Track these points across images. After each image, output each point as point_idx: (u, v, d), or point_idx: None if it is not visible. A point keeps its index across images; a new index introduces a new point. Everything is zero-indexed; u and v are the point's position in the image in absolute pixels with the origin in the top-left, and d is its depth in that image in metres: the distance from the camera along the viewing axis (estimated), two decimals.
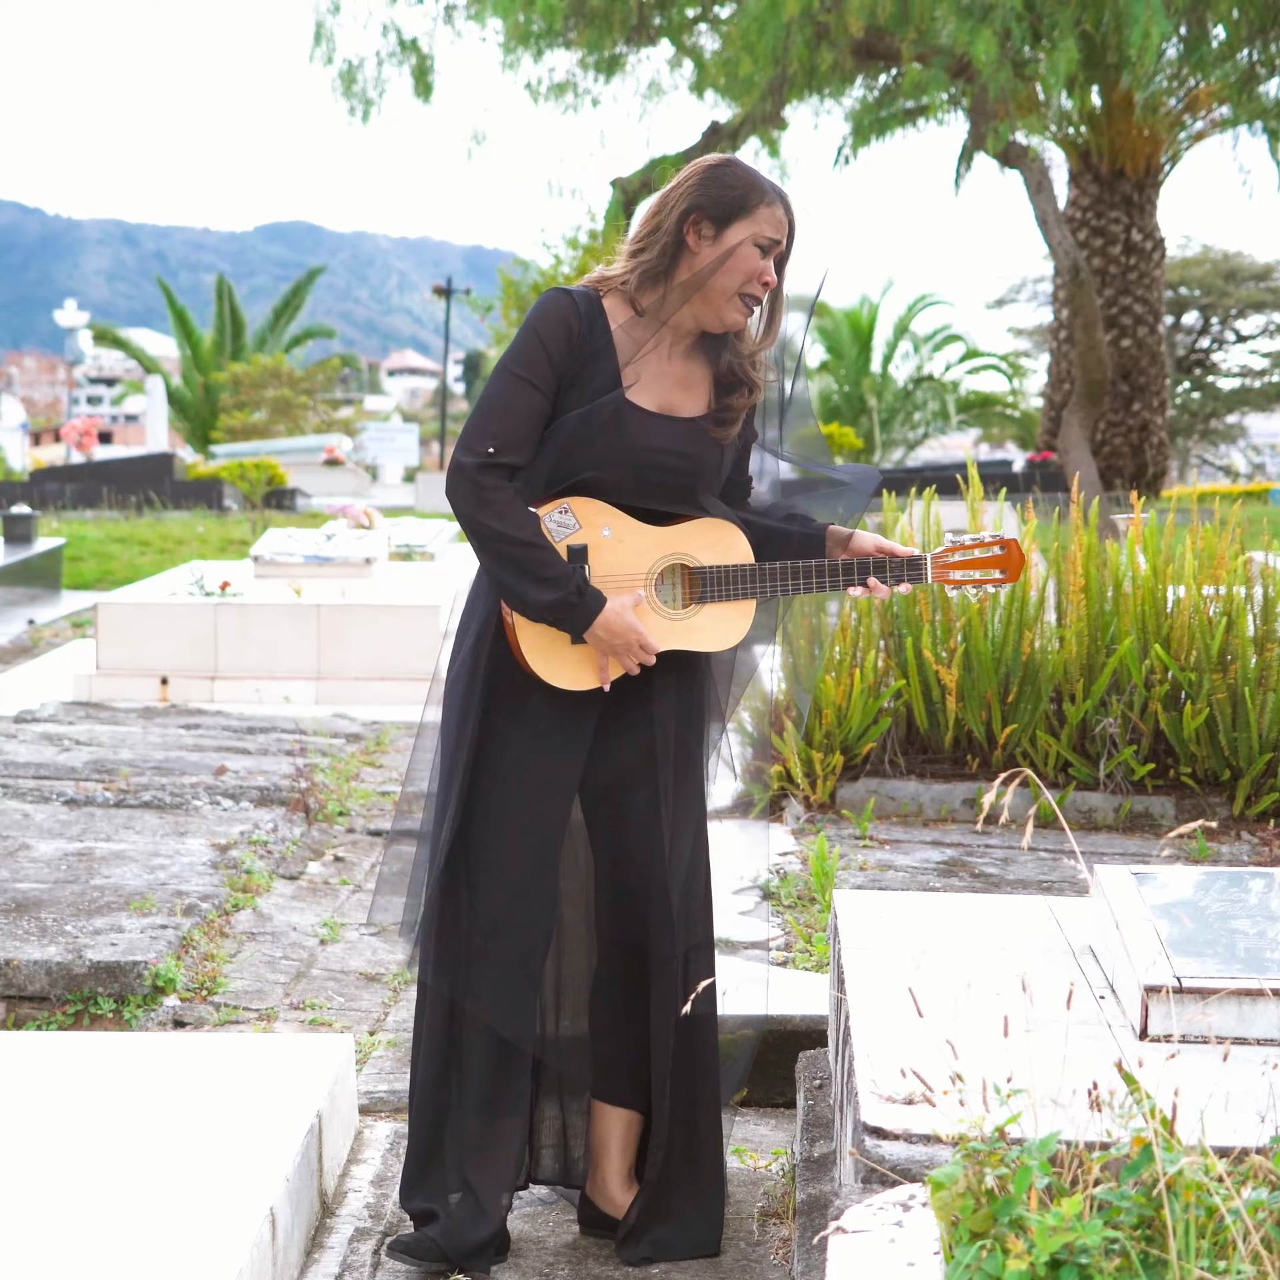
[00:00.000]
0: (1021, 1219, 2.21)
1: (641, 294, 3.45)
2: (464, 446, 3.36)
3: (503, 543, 3.32)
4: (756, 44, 22.95)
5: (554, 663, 3.44)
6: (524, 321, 3.45)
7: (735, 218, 3.38)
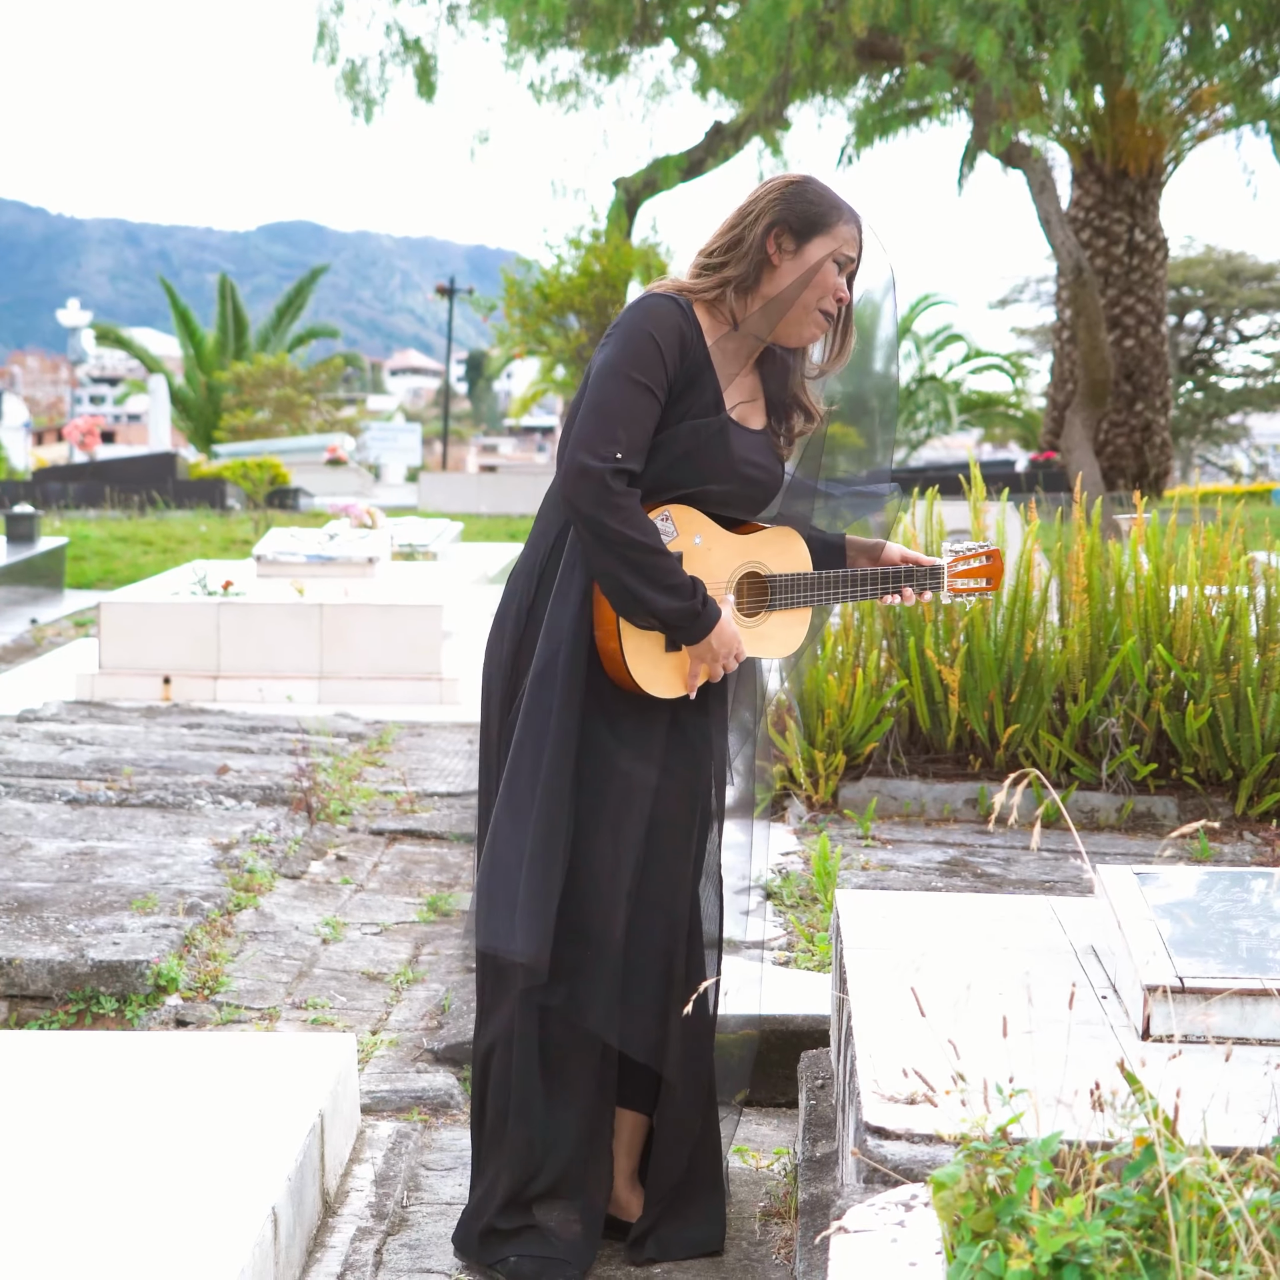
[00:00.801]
0: (1023, 1219, 2.21)
1: (729, 307, 3.49)
2: (588, 450, 3.32)
3: (630, 548, 3.31)
4: (760, 44, 22.97)
5: (651, 670, 3.46)
6: (632, 325, 3.41)
7: (816, 233, 3.46)
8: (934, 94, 23.58)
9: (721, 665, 3.48)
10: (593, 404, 3.36)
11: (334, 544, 12.65)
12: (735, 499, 3.54)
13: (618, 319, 3.48)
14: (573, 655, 3.42)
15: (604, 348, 3.44)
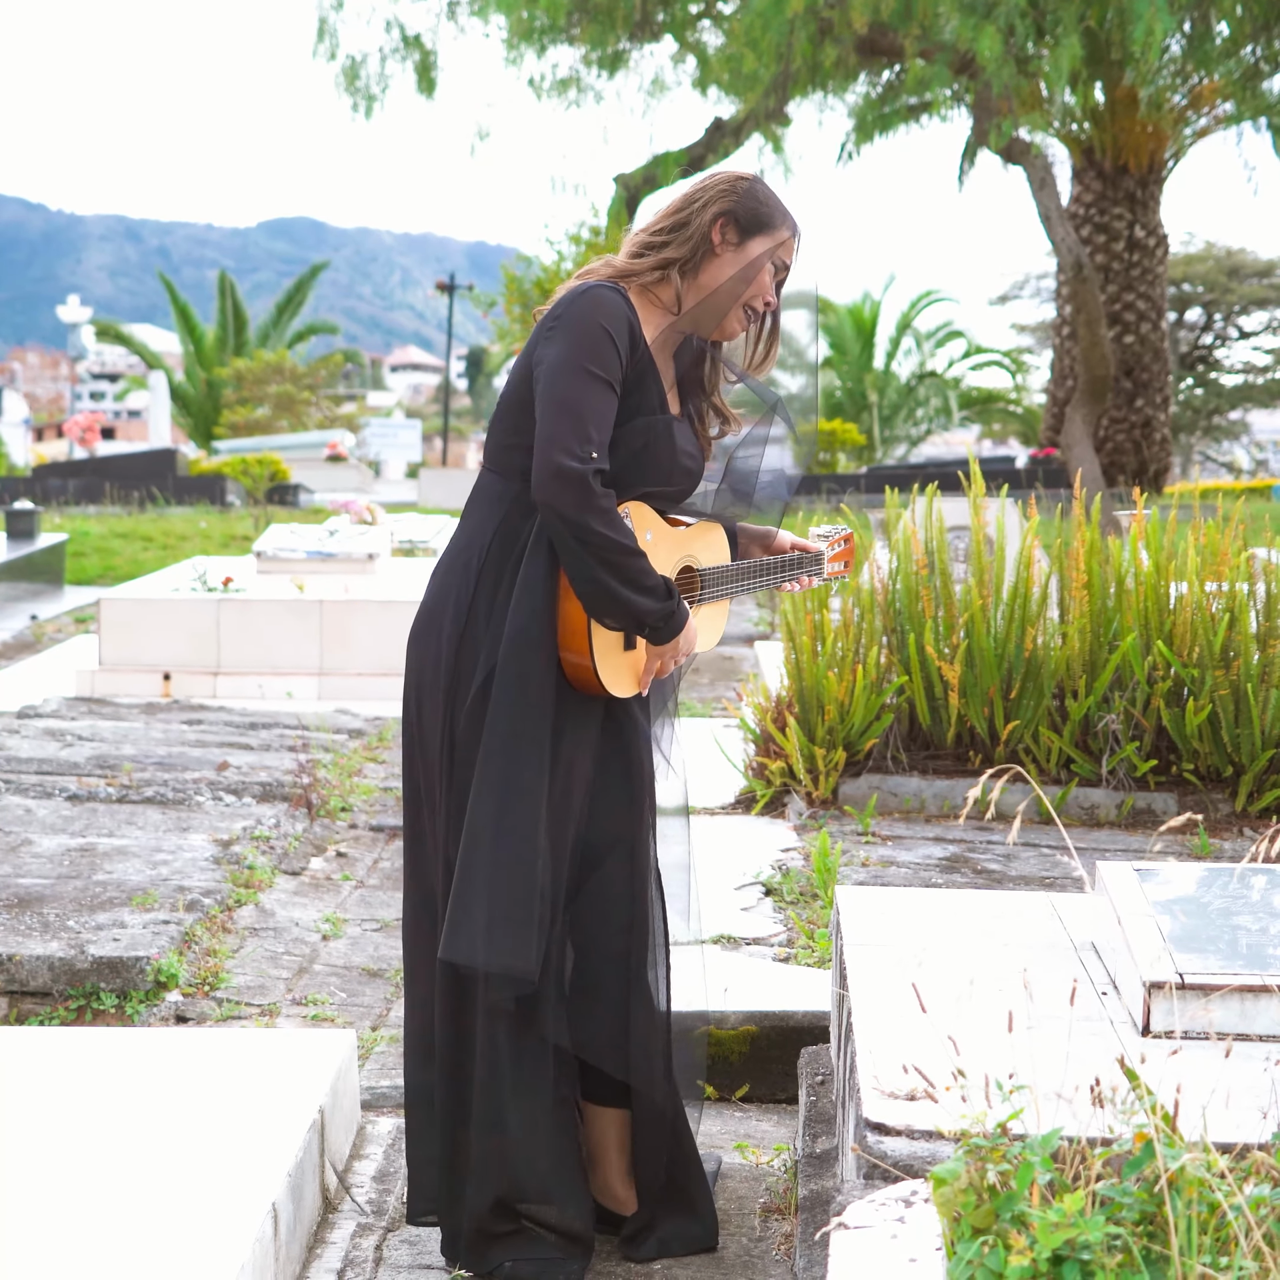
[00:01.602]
0: (1024, 1215, 2.21)
1: (674, 289, 3.47)
2: (563, 450, 3.24)
3: (613, 551, 3.27)
4: (760, 40, 22.96)
5: (613, 672, 3.44)
6: (582, 318, 3.34)
7: (759, 231, 3.47)
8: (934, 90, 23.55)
9: (677, 661, 3.49)
10: (560, 402, 3.28)
11: (334, 540, 12.64)
12: (671, 491, 3.53)
13: (558, 310, 3.39)
14: (547, 656, 3.39)
15: (550, 342, 3.36)
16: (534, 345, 3.41)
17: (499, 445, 3.49)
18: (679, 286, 3.46)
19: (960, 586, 7.36)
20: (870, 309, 47.60)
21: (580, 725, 3.47)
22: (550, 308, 3.43)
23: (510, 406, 3.45)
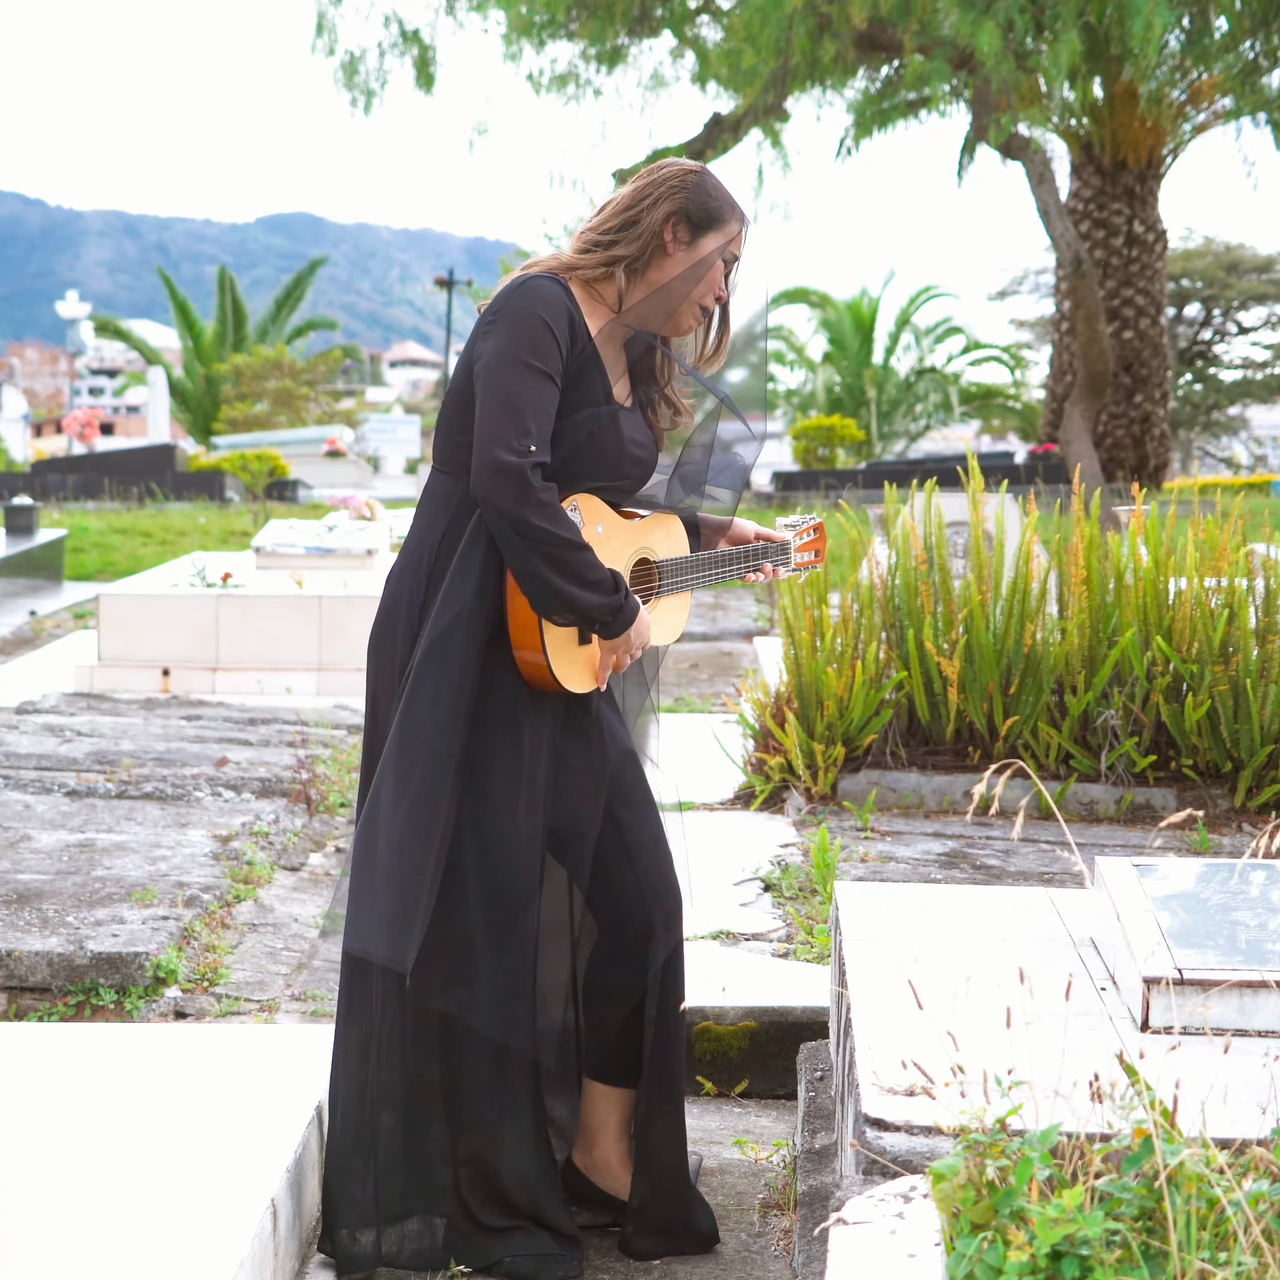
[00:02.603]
0: (1022, 1210, 2.21)
1: (616, 287, 3.44)
2: (501, 444, 3.20)
3: (554, 545, 3.22)
4: (759, 35, 22.94)
5: (568, 666, 3.40)
6: (520, 309, 3.30)
7: (711, 227, 3.44)
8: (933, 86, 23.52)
9: (632, 656, 3.44)
10: (497, 396, 3.24)
11: (333, 536, 12.63)
12: (622, 482, 3.49)
13: (496, 304, 3.35)
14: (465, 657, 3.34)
15: (489, 335, 3.31)
16: (474, 340, 3.37)
17: (445, 443, 3.45)
18: (622, 285, 3.43)
19: (959, 582, 7.36)
20: (869, 304, 47.59)
21: (538, 722, 3.44)
22: (486, 306, 3.39)
23: (454, 404, 3.41)
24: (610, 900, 3.60)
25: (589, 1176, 3.73)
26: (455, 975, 3.44)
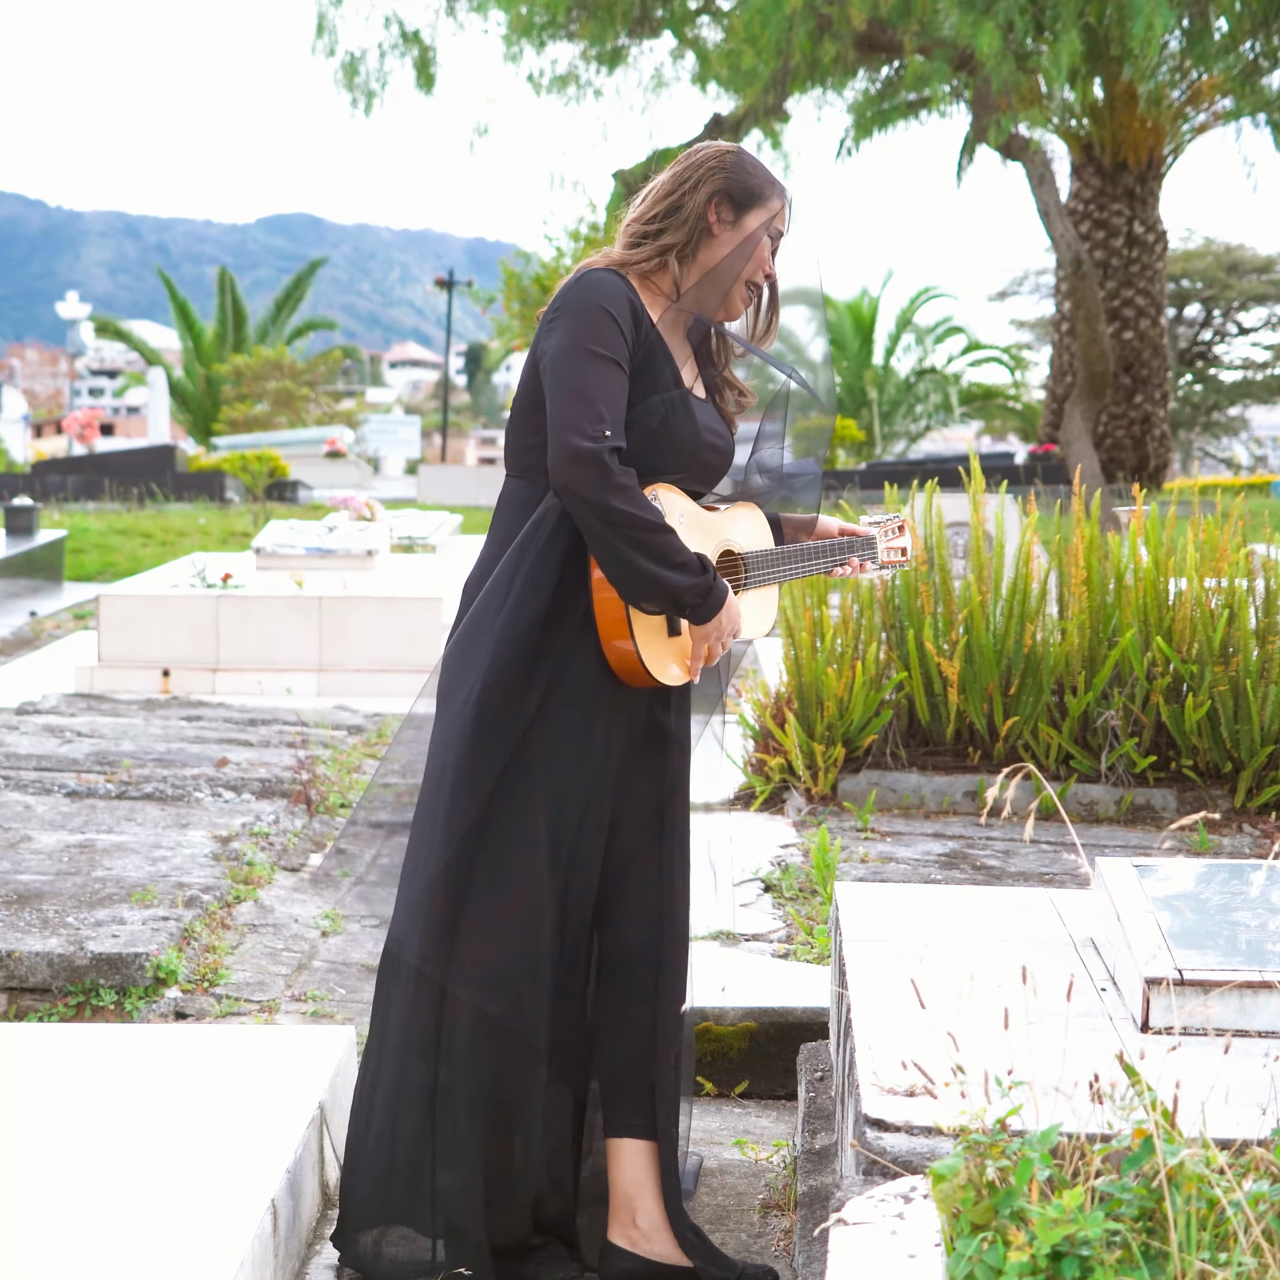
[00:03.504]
0: (1023, 1211, 2.21)
1: (671, 276, 3.41)
2: (575, 432, 3.14)
3: (638, 528, 3.15)
4: (759, 36, 22.96)
5: (659, 658, 3.32)
6: (581, 301, 3.27)
7: (754, 205, 3.39)
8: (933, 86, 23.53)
9: (724, 644, 3.35)
10: (565, 388, 3.19)
11: (333, 536, 12.64)
12: (700, 471, 3.43)
13: (557, 301, 3.32)
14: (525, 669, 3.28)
15: (552, 332, 3.28)
16: (537, 341, 3.33)
17: (517, 448, 3.39)
18: (676, 272, 3.40)
19: (959, 583, 7.36)
20: (869, 305, 47.62)
21: (615, 723, 3.37)
22: (548, 305, 3.36)
23: (523, 407, 3.36)
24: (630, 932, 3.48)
25: (639, 1252, 3.45)
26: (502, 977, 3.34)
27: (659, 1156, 3.47)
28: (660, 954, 3.48)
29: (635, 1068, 3.47)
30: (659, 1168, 3.47)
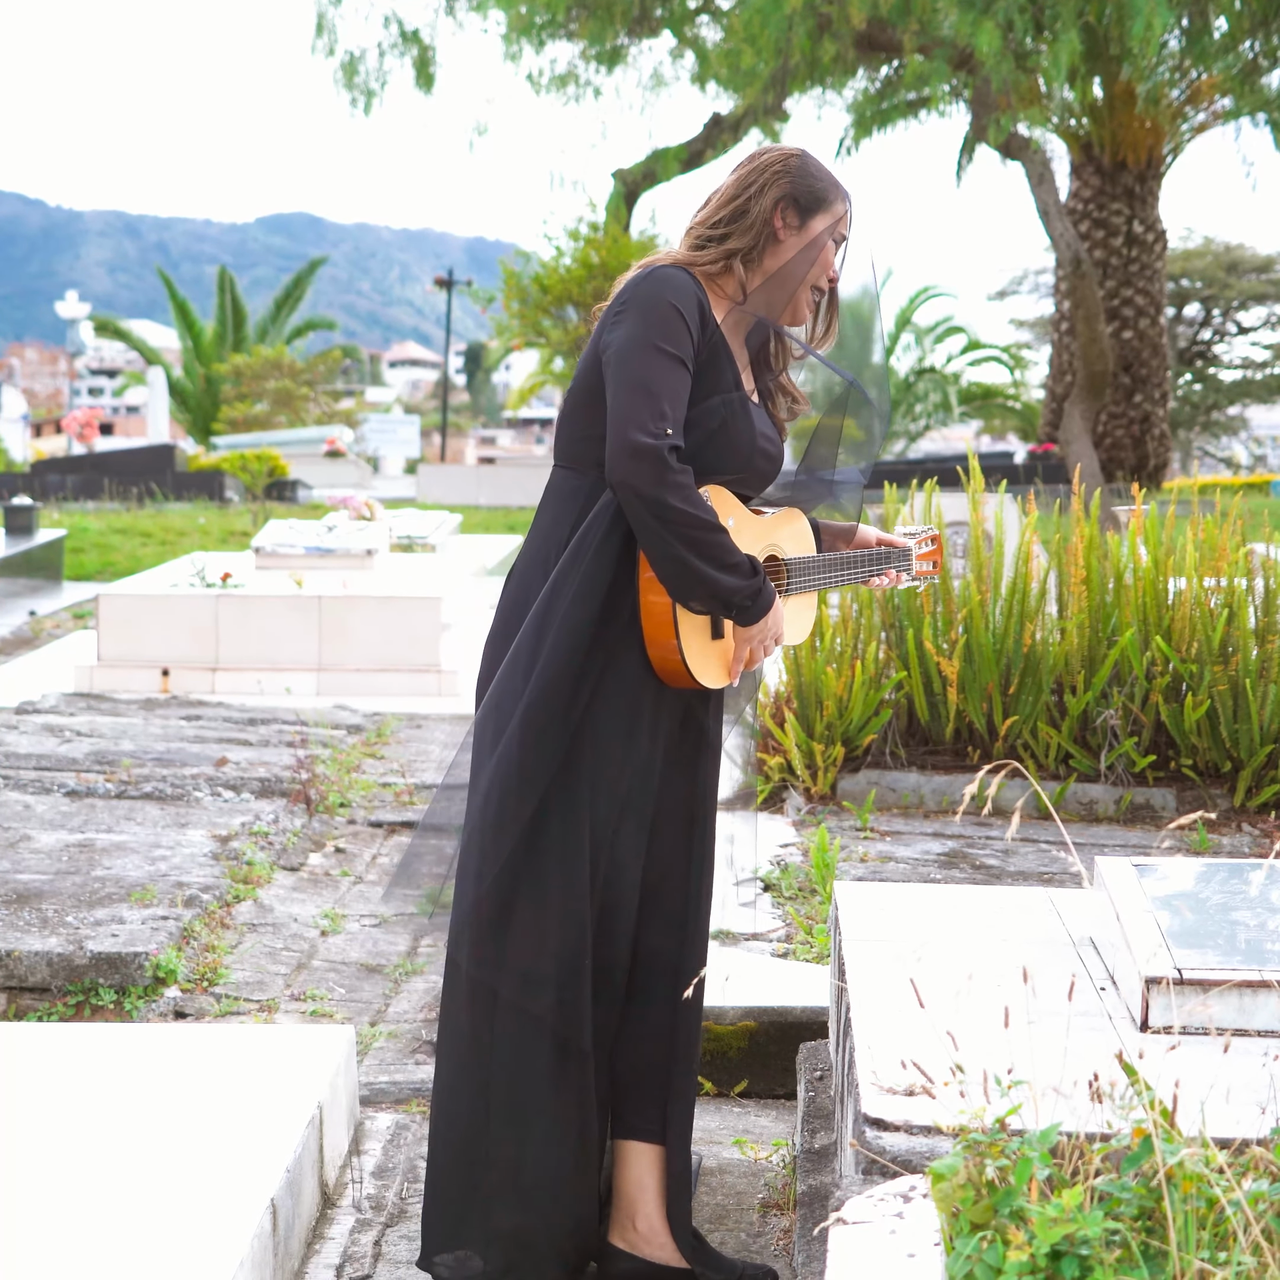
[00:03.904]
0: (1022, 1210, 2.21)
1: (737, 279, 3.38)
2: (637, 427, 3.11)
3: (693, 527, 3.12)
4: (759, 35, 22.98)
5: (701, 660, 3.30)
6: (651, 295, 3.24)
7: (819, 209, 3.38)
8: (933, 86, 23.55)
9: (768, 649, 3.34)
10: (631, 380, 3.16)
11: (332, 536, 12.63)
12: (752, 475, 3.41)
13: (625, 293, 3.28)
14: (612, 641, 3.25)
15: (619, 324, 3.24)
16: (600, 332, 3.30)
17: (570, 439, 3.36)
18: (742, 276, 3.37)
19: (959, 582, 7.36)
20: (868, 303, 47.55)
21: (659, 720, 3.35)
22: (612, 298, 3.33)
23: (581, 399, 3.33)
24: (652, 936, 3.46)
25: (637, 1254, 3.48)
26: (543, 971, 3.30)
27: (667, 1161, 3.46)
28: (681, 958, 3.45)
29: (649, 1071, 3.46)
30: (664, 1172, 3.46)
